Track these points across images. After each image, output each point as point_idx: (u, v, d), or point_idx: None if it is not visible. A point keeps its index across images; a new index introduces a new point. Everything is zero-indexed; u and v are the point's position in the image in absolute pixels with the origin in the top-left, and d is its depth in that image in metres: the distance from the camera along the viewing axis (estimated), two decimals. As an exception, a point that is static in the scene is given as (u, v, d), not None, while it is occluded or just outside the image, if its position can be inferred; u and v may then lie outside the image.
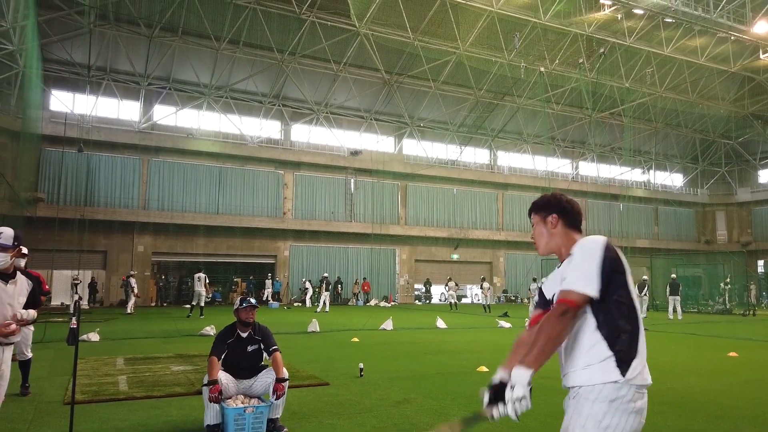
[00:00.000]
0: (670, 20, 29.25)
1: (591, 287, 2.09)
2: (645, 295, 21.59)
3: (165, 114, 29.53)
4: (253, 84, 31.03)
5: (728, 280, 27.95)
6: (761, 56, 32.87)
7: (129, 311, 20.80)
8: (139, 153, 28.06)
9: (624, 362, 2.09)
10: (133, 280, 21.56)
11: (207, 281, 19.59)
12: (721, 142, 43.86)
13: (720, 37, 30.80)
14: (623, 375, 2.06)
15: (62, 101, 27.36)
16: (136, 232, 27.54)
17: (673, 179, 45.16)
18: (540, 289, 2.51)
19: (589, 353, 2.12)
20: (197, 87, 30.14)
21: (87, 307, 24.90)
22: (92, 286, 26.61)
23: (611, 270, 2.13)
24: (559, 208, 2.42)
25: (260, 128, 31.75)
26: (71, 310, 20.61)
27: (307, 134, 33.18)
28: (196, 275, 19.29)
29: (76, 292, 20.35)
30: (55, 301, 26.60)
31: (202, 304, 19.21)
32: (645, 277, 23.31)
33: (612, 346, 2.10)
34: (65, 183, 26.46)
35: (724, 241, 43.65)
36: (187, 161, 29.04)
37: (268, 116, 32.05)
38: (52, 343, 10.66)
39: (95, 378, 7.36)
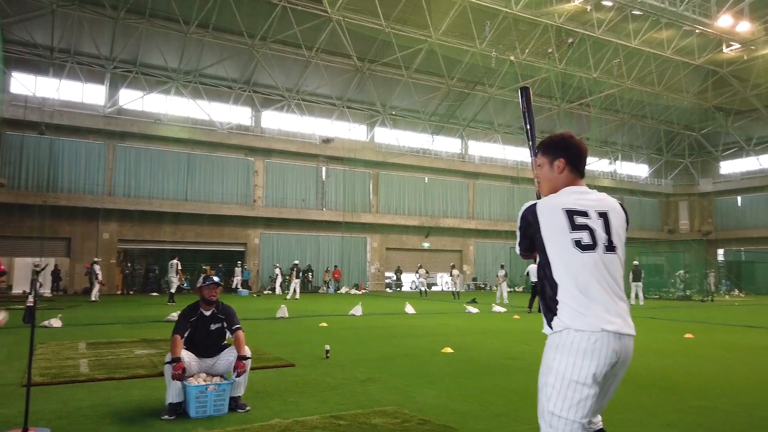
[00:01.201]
0: (638, 12, 29.77)
1: (517, 248, 2.45)
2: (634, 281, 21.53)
3: (131, 98, 28.88)
4: (222, 69, 30.56)
5: (682, 271, 28.85)
6: (724, 50, 33.72)
7: (94, 299, 20.42)
8: (105, 138, 27.41)
9: (551, 313, 2.25)
10: (97, 267, 21.13)
11: (180, 268, 19.53)
12: (685, 134, 44.99)
13: (685, 30, 31.49)
14: (551, 327, 2.25)
15: (24, 84, 26.52)
16: (102, 218, 26.98)
17: (638, 169, 46.20)
18: None
19: (542, 305, 2.36)
20: (165, 71, 29.53)
21: (50, 295, 24.36)
22: (55, 274, 26.00)
23: (531, 233, 2.34)
24: (568, 153, 2.45)
25: (230, 114, 31.32)
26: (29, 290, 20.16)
27: (278, 121, 32.87)
28: (170, 262, 19.23)
29: (37, 278, 19.82)
30: (17, 290, 26.00)
31: (173, 290, 19.10)
32: (636, 262, 23.15)
33: (543, 299, 2.32)
34: (27, 168, 25.77)
35: (686, 230, 44.93)
36: (155, 147, 28.49)
37: (239, 102, 31.64)
38: (13, 329, 10.43)
39: (55, 361, 7.24)
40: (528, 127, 2.82)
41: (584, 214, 2.29)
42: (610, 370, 2.20)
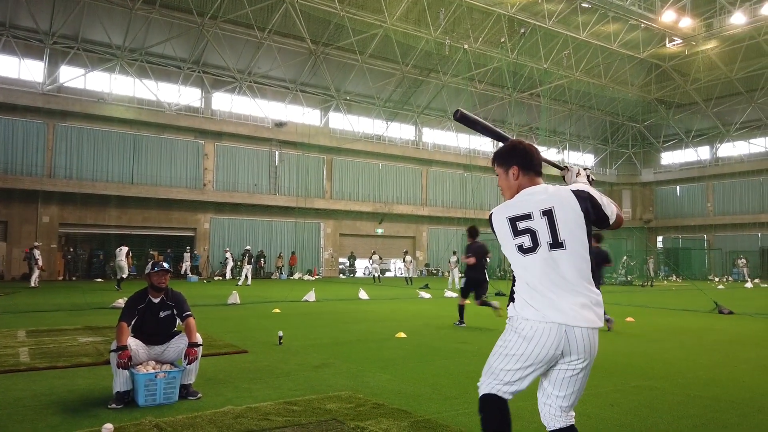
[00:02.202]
0: (587, 5, 30.50)
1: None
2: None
3: (73, 76, 27.59)
4: (170, 48, 29.53)
5: (626, 258, 30.08)
6: (667, 44, 35.05)
7: (33, 285, 19.56)
8: (44, 117, 26.10)
9: (511, 300, 2.61)
10: (37, 252, 20.22)
11: (130, 254, 19.00)
12: (629, 125, 46.66)
13: (632, 24, 32.51)
14: (510, 311, 2.60)
15: (-47, 57, 24.91)
16: (41, 201, 25.78)
17: (585, 159, 47.63)
18: None
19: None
20: (109, 48, 28.32)
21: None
22: (-9, 259, 24.72)
23: (498, 234, 2.64)
24: (518, 159, 2.64)
25: (179, 95, 30.38)
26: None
27: (229, 103, 32.12)
28: (118, 249, 18.64)
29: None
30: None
31: (124, 275, 18.57)
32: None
33: (512, 288, 2.63)
34: (-42, 147, 24.29)
35: (629, 219, 46.76)
36: (98, 127, 27.36)
37: (187, 83, 30.71)
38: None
39: (-7, 351, 6.91)
40: (491, 135, 3.04)
41: (527, 217, 2.50)
42: (552, 358, 2.44)
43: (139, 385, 4.55)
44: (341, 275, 33.91)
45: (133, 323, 4.84)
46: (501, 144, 2.85)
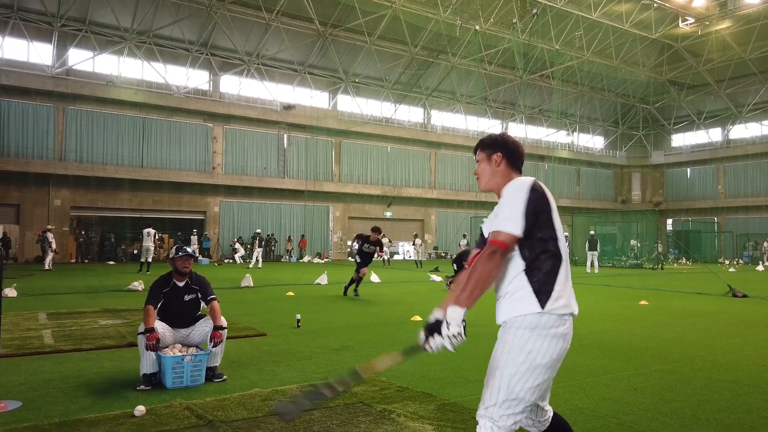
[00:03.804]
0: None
1: (517, 227, 2.20)
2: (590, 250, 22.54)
3: (81, 59, 27.53)
4: (179, 30, 29.39)
5: (634, 241, 30.04)
6: (680, 24, 34.49)
7: (47, 267, 19.78)
8: (54, 100, 26.13)
9: (543, 294, 2.21)
10: (50, 235, 20.38)
11: (156, 237, 19.08)
12: (640, 107, 46.17)
13: (644, 3, 31.99)
14: (542, 306, 2.20)
15: (-38, 40, 24.91)
16: (53, 184, 25.92)
17: (594, 141, 47.29)
18: (481, 228, 2.59)
19: (512, 286, 2.26)
20: (117, 31, 28.20)
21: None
22: (5, 242, 24.95)
23: (536, 209, 2.24)
24: (505, 148, 2.49)
25: (187, 78, 30.28)
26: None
27: (237, 86, 32.01)
28: (146, 230, 18.55)
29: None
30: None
31: (149, 259, 18.50)
32: (592, 232, 24.21)
33: (532, 279, 2.23)
34: (-31, 131, 24.40)
35: (638, 201, 46.54)
36: (108, 111, 27.37)
37: (196, 65, 30.59)
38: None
39: (16, 333, 7.01)
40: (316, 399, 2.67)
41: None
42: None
43: (166, 367, 4.61)
44: (350, 258, 33.99)
45: (158, 307, 4.89)
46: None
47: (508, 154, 2.48)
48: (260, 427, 3.65)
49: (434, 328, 2.23)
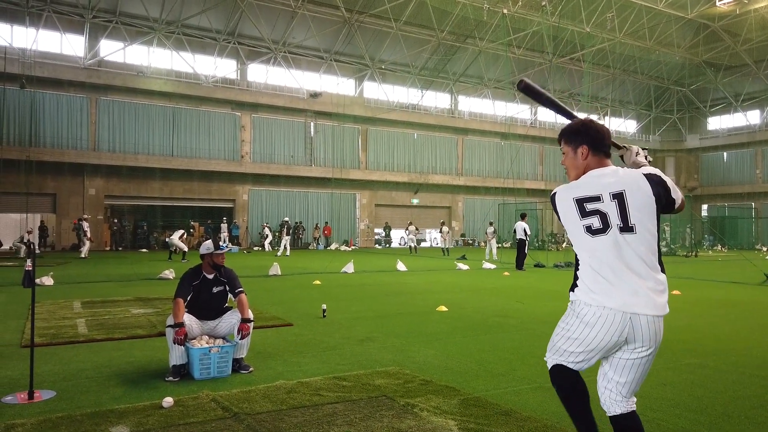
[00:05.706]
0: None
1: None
2: None
3: (112, 50, 28.02)
4: (206, 19, 29.62)
5: (668, 228, 29.38)
6: (717, 3, 33.26)
7: (83, 256, 20.34)
8: (87, 91, 26.69)
9: (574, 284, 2.56)
10: (86, 224, 20.97)
11: (185, 236, 20.44)
12: (674, 89, 44.85)
13: (680, -18, 30.95)
14: (570, 294, 2.57)
15: (-1, 34, 25.56)
16: (87, 174, 26.58)
17: (627, 125, 46.21)
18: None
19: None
20: (146, 21, 28.57)
21: (38, 251, 24.18)
22: (43, 230, 25.78)
23: (559, 216, 2.59)
24: (588, 138, 2.54)
25: (215, 67, 30.56)
26: (21, 254, 20.03)
27: (264, 74, 32.17)
28: (175, 233, 19.83)
29: (28, 239, 19.92)
30: (4, 245, 25.72)
31: (185, 250, 19.74)
32: None
33: (575, 272, 2.57)
34: (8, 122, 25.14)
35: (672, 186, 45.33)
36: (139, 101, 27.85)
37: (223, 54, 30.84)
38: (4, 287, 10.37)
39: (52, 321, 7.24)
40: (556, 109, 2.89)
41: (596, 199, 2.42)
42: (616, 344, 2.42)
43: (193, 359, 4.70)
44: (377, 245, 34.11)
45: (188, 299, 4.98)
46: (564, 119, 2.77)
47: (593, 144, 2.53)
48: (284, 420, 3.70)
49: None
